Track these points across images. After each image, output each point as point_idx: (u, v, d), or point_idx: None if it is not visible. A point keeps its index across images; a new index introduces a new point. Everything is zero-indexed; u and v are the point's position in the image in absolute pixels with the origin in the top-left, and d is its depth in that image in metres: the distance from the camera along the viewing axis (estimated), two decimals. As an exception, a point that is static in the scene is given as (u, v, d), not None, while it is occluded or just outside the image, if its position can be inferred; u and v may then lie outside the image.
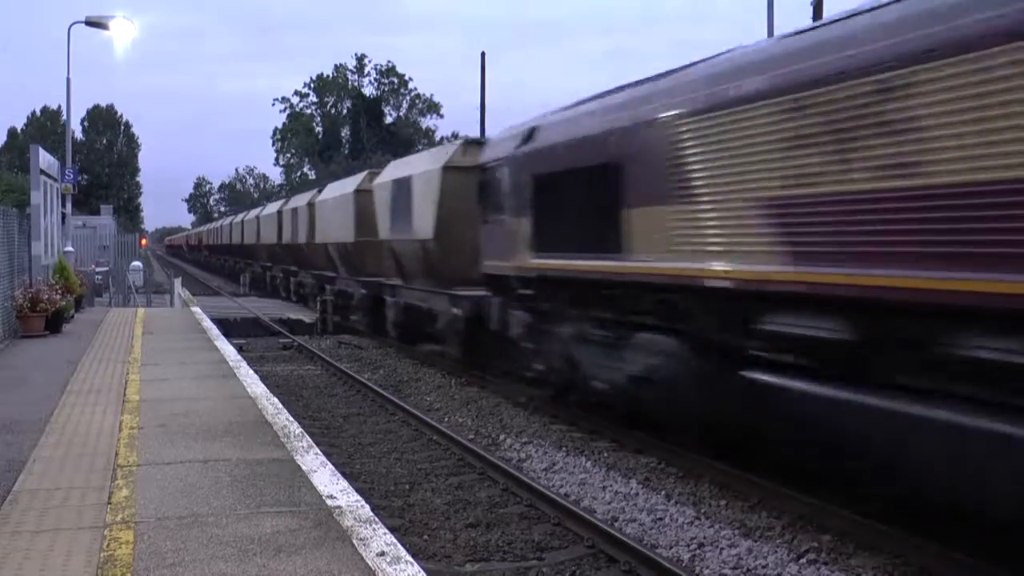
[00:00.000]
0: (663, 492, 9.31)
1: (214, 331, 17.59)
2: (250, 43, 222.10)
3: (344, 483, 6.49)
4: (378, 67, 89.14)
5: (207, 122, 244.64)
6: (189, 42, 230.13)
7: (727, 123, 8.52)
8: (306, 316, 27.85)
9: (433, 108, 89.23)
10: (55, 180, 22.54)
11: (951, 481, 6.53)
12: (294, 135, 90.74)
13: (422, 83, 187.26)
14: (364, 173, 25.11)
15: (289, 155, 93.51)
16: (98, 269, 31.56)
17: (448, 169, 17.00)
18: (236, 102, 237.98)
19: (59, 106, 79.83)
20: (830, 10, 22.55)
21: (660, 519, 8.54)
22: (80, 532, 5.41)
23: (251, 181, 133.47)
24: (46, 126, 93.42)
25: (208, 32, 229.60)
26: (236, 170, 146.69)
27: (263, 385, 10.90)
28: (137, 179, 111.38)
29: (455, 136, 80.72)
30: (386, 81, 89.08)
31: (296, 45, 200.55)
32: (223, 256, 65.29)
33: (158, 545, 5.14)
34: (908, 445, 6.71)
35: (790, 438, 8.04)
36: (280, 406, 9.50)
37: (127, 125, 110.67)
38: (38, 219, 19.35)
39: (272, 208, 41.96)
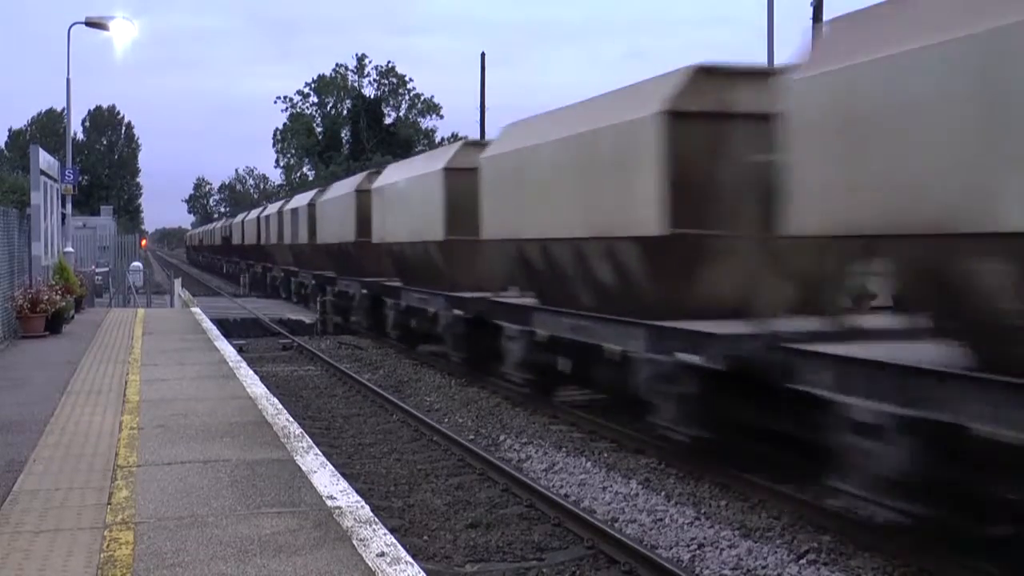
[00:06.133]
0: (663, 492, 9.31)
1: (214, 331, 17.59)
2: (261, 46, 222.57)
3: (344, 483, 6.49)
4: (378, 67, 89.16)
5: (209, 123, 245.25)
6: (197, 44, 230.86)
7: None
8: (306, 316, 27.85)
9: (433, 108, 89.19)
10: (55, 181, 22.54)
11: None
12: (294, 135, 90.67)
13: (435, 85, 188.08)
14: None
15: (289, 155, 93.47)
16: (98, 270, 31.56)
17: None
18: (239, 104, 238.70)
19: (62, 108, 79.73)
20: (830, 10, 22.54)
21: (660, 519, 8.54)
22: (80, 532, 5.41)
23: (251, 182, 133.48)
24: (48, 127, 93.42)
25: (218, 34, 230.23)
26: (236, 171, 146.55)
27: (263, 385, 10.89)
28: (137, 180, 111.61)
29: (455, 136, 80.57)
30: (386, 81, 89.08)
31: (310, 47, 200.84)
32: (230, 258, 56.82)
33: (158, 546, 5.14)
34: None
35: None
36: (280, 406, 9.50)
37: (128, 126, 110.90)
38: (38, 220, 19.34)
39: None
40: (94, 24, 24.29)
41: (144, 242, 61.86)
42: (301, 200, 33.09)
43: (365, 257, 23.00)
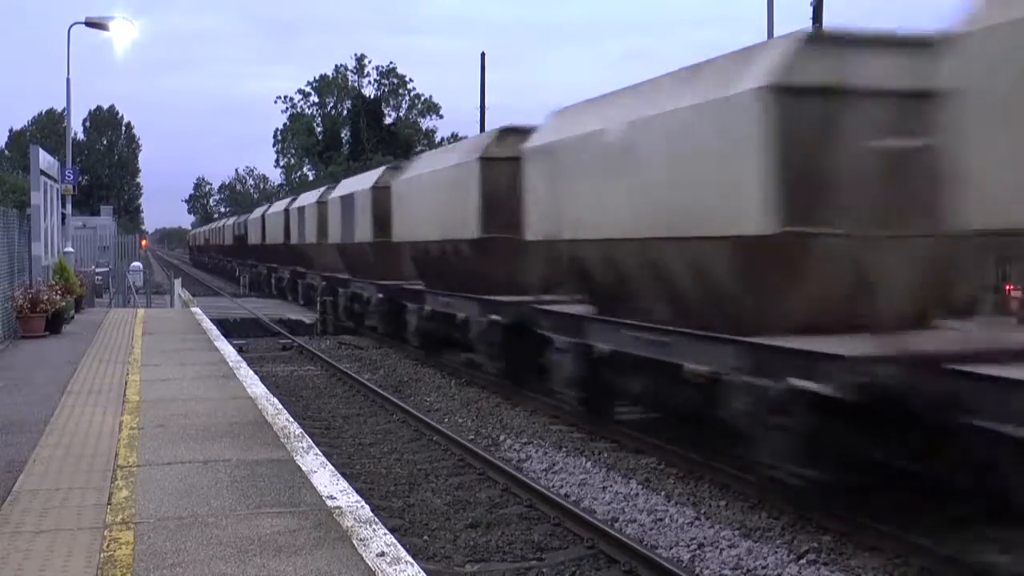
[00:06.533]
0: (663, 492, 9.31)
1: (214, 331, 17.59)
2: (261, 46, 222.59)
3: (344, 483, 6.49)
4: (379, 68, 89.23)
5: (209, 123, 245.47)
6: (197, 44, 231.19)
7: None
8: (306, 317, 27.84)
9: (433, 108, 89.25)
10: (55, 181, 22.55)
11: None
12: (295, 135, 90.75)
13: (435, 84, 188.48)
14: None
15: (289, 155, 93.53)
16: (98, 270, 31.57)
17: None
18: (239, 104, 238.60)
19: (62, 108, 79.80)
20: (830, 10, 22.49)
21: (660, 519, 8.54)
22: (80, 532, 5.41)
23: (251, 182, 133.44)
24: (48, 127, 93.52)
25: (223, 35, 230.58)
26: (236, 171, 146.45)
27: (263, 385, 10.89)
28: (137, 180, 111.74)
29: (455, 136, 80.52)
30: (386, 82, 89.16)
31: (310, 47, 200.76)
32: (245, 261, 48.00)
33: (158, 546, 5.14)
34: None
35: None
36: (280, 406, 9.50)
37: (128, 126, 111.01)
38: (38, 220, 19.35)
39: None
40: (94, 24, 24.28)
41: (144, 242, 61.90)
42: (358, 183, 24.46)
43: (494, 262, 15.24)
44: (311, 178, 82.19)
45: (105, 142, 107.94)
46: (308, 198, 32.44)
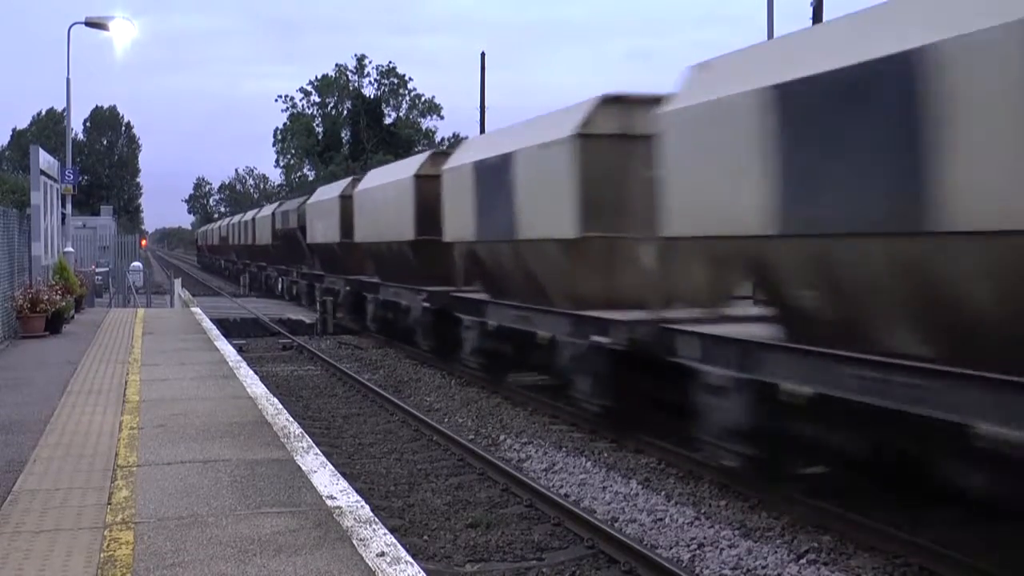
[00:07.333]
0: (663, 492, 9.31)
1: (214, 331, 17.59)
2: (263, 46, 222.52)
3: (344, 483, 6.49)
4: (379, 67, 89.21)
5: (210, 123, 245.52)
6: (198, 44, 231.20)
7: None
8: (306, 316, 27.84)
9: (433, 109, 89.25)
10: (55, 181, 22.55)
11: None
12: (294, 135, 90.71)
13: (436, 84, 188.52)
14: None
15: (289, 155, 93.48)
16: (98, 270, 31.58)
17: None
18: (240, 104, 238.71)
19: (63, 108, 79.89)
20: (830, 10, 22.54)
21: (660, 519, 8.54)
22: (80, 532, 5.41)
23: (251, 182, 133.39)
24: (49, 127, 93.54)
25: (224, 34, 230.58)
26: (236, 171, 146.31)
27: (263, 385, 10.90)
28: (137, 180, 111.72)
29: (455, 136, 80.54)
30: (386, 81, 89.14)
31: (312, 47, 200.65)
32: (292, 266, 34.39)
33: (158, 546, 5.14)
34: None
35: None
36: (280, 406, 9.50)
37: (128, 126, 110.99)
38: (38, 220, 19.35)
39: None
40: (94, 24, 24.30)
41: (144, 242, 61.91)
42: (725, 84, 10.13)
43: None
44: (311, 178, 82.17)
45: (105, 142, 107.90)
46: (513, 137, 15.88)
